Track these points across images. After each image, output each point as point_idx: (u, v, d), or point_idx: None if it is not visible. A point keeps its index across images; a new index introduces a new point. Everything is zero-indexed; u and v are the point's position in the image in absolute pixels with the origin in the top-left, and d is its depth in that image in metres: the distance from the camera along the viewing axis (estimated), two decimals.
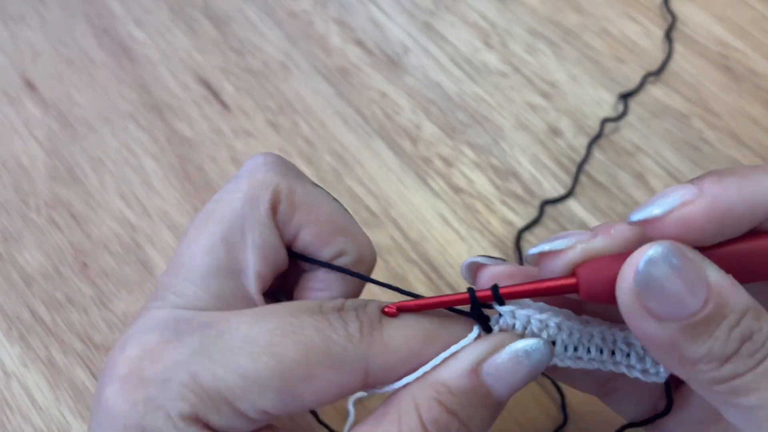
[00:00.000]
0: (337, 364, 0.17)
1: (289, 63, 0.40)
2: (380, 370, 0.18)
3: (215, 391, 0.17)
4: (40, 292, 0.34)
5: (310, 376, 0.17)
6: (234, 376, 0.17)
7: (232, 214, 0.20)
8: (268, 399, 0.17)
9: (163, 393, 0.17)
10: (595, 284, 0.18)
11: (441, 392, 0.18)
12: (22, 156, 0.37)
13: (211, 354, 0.17)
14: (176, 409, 0.16)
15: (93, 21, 0.42)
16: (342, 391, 0.18)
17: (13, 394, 0.31)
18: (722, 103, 0.38)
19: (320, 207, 0.21)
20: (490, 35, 0.41)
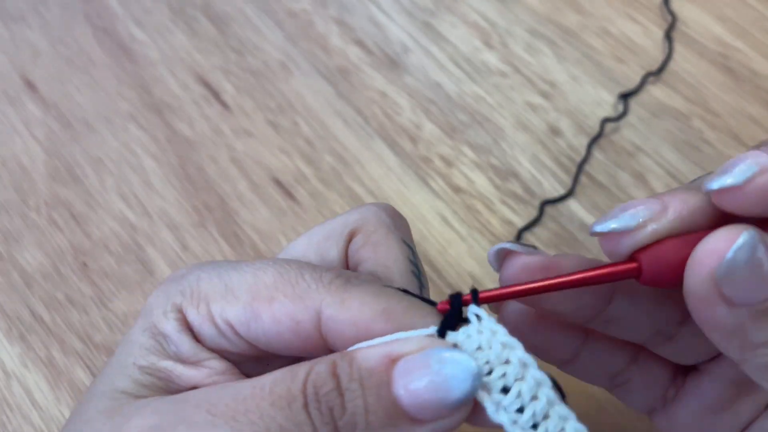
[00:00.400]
0: (297, 297, 0.19)
1: (289, 63, 0.40)
2: (331, 323, 0.18)
3: (203, 292, 0.20)
4: (40, 292, 0.34)
5: (272, 299, 0.19)
6: (221, 284, 0.20)
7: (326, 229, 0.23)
8: (234, 309, 0.19)
9: (174, 285, 0.20)
10: (662, 269, 0.17)
11: (342, 359, 0.17)
12: (22, 156, 0.37)
13: (218, 270, 0.20)
14: (172, 298, 0.20)
15: (93, 21, 0.42)
16: (296, 327, 0.19)
17: (13, 394, 0.31)
18: (722, 103, 0.38)
19: (388, 252, 0.22)
20: (490, 35, 0.41)
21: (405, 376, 0.16)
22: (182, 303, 0.20)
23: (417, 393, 0.16)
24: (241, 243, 0.35)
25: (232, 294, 0.19)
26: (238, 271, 0.20)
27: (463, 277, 0.34)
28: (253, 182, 0.36)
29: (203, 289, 0.20)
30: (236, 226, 0.35)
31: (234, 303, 0.19)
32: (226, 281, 0.20)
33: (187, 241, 0.35)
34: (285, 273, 0.19)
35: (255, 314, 0.19)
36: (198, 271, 0.20)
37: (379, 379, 0.17)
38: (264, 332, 0.19)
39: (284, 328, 0.19)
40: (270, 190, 0.36)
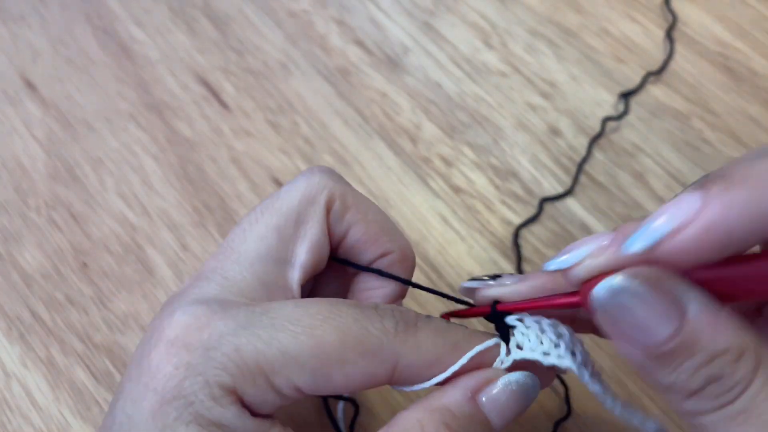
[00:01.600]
0: (370, 354, 0.18)
1: (289, 63, 0.40)
2: (407, 369, 0.19)
3: (255, 364, 0.17)
4: (40, 292, 0.34)
5: (344, 361, 0.18)
6: (274, 352, 0.18)
7: (288, 208, 0.21)
8: (302, 376, 0.18)
9: (206, 361, 0.17)
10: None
11: (445, 414, 0.19)
12: (22, 156, 0.37)
13: (255, 329, 0.18)
14: (216, 378, 0.17)
15: (93, 21, 0.42)
16: (369, 381, 0.19)
17: (13, 394, 0.31)
18: (722, 103, 0.38)
19: (368, 209, 0.22)
20: (490, 35, 0.41)
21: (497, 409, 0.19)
22: (233, 384, 0.17)
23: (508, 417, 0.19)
24: None
25: (295, 362, 0.18)
26: (287, 331, 0.18)
27: (463, 277, 0.34)
28: (252, 182, 0.36)
29: (253, 361, 0.17)
30: None
31: (301, 372, 0.18)
32: (278, 347, 0.18)
33: (187, 241, 0.35)
34: (347, 329, 0.18)
35: (327, 378, 0.18)
36: (230, 338, 0.18)
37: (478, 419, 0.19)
38: (334, 388, 0.19)
39: (358, 383, 0.19)
40: (270, 189, 0.36)
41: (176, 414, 0.17)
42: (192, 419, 0.17)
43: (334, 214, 0.22)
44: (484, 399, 0.19)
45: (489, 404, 0.19)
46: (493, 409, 0.19)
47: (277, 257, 0.21)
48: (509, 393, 0.19)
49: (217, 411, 0.17)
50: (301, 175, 0.22)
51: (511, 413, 0.19)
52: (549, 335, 0.20)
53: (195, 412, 0.17)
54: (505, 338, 0.21)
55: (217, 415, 0.17)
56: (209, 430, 0.17)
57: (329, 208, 0.22)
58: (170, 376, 0.17)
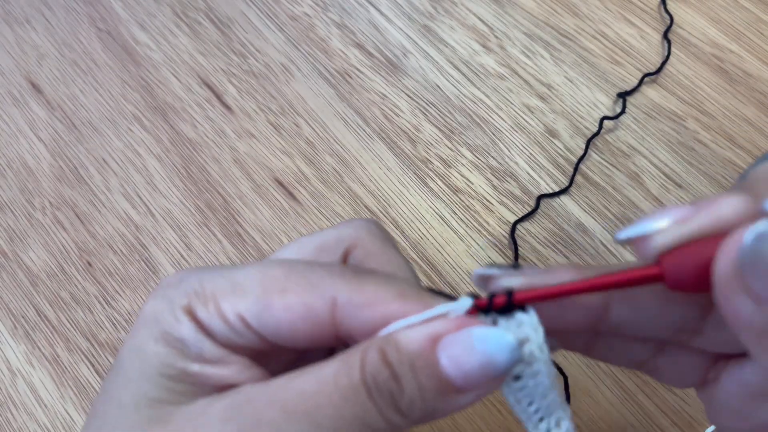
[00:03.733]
0: (309, 286, 0.19)
1: (290, 65, 0.40)
2: (346, 306, 0.19)
3: (209, 291, 0.20)
4: (46, 291, 0.34)
5: (285, 290, 0.19)
6: (227, 282, 0.20)
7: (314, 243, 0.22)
8: (245, 301, 0.19)
9: (176, 290, 0.20)
10: (687, 272, 0.16)
11: (389, 345, 0.18)
12: (27, 157, 0.38)
13: (223, 271, 0.20)
14: (179, 301, 0.20)
15: (97, 24, 0.42)
16: (309, 316, 0.19)
17: (19, 392, 0.32)
18: (717, 105, 0.38)
19: (389, 262, 0.22)
20: (488, 38, 0.41)
21: (451, 355, 0.18)
22: (190, 304, 0.20)
23: (464, 369, 0.18)
24: (243, 242, 0.35)
25: (241, 289, 0.19)
26: (244, 269, 0.20)
27: (462, 276, 0.34)
28: (255, 183, 0.37)
29: (209, 289, 0.20)
30: (239, 226, 0.36)
31: (244, 297, 0.19)
32: (233, 278, 0.20)
33: (191, 241, 0.35)
34: (294, 267, 0.20)
35: (267, 305, 0.19)
36: (198, 274, 0.20)
37: (427, 360, 0.18)
38: (276, 322, 0.19)
39: (297, 317, 0.19)
40: (272, 190, 0.37)
41: (147, 331, 0.20)
42: (159, 335, 0.19)
43: (353, 259, 0.22)
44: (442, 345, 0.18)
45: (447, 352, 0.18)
46: (450, 360, 0.18)
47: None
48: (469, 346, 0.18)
49: (177, 327, 0.19)
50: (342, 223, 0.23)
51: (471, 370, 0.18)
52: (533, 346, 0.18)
53: (162, 329, 0.19)
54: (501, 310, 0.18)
55: (177, 331, 0.19)
56: (174, 346, 0.19)
57: (348, 252, 0.22)
58: (151, 305, 0.20)
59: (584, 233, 0.35)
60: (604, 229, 0.35)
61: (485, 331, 0.18)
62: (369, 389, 0.18)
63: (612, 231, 0.35)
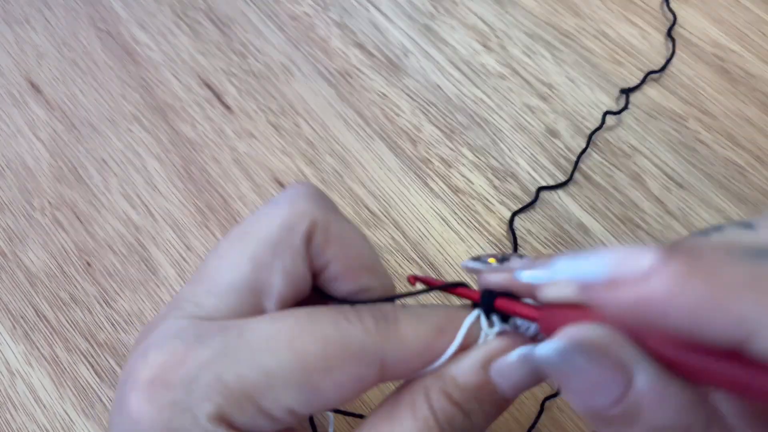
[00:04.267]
0: (354, 356, 0.18)
1: (290, 65, 0.40)
2: (395, 363, 0.18)
3: (240, 390, 0.17)
4: (45, 292, 0.34)
5: (329, 369, 0.17)
6: (257, 374, 0.17)
7: (266, 236, 0.20)
8: (290, 394, 0.17)
9: (189, 395, 0.17)
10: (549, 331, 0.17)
11: (449, 385, 0.19)
12: (26, 157, 0.38)
13: (234, 354, 0.17)
14: (203, 411, 0.17)
15: (97, 24, 0.42)
16: (360, 385, 0.18)
17: (18, 393, 0.31)
18: (718, 105, 0.38)
19: (351, 243, 0.21)
20: (489, 38, 0.41)
21: (506, 378, 0.19)
22: (221, 412, 0.17)
23: (520, 386, 0.19)
24: None
25: (280, 381, 0.17)
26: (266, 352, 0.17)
27: (462, 277, 0.34)
28: (255, 183, 0.37)
29: (237, 386, 0.17)
30: None
31: (288, 389, 0.17)
32: (260, 368, 0.17)
33: (190, 242, 0.35)
34: (327, 336, 0.17)
35: (315, 390, 0.17)
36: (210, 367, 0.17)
37: (489, 389, 0.19)
38: (326, 402, 0.18)
39: (350, 390, 0.18)
40: (272, 190, 0.36)
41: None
42: None
43: (315, 247, 0.20)
44: (495, 369, 0.19)
45: (500, 374, 0.19)
46: (505, 380, 0.18)
47: (251, 286, 0.19)
48: (523, 365, 0.18)
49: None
50: (284, 195, 0.21)
51: (525, 384, 0.19)
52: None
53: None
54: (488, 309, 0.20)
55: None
56: None
57: (309, 239, 0.20)
58: (155, 419, 0.16)
59: (585, 233, 0.35)
60: (605, 230, 0.35)
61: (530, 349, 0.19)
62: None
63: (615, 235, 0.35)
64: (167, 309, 0.20)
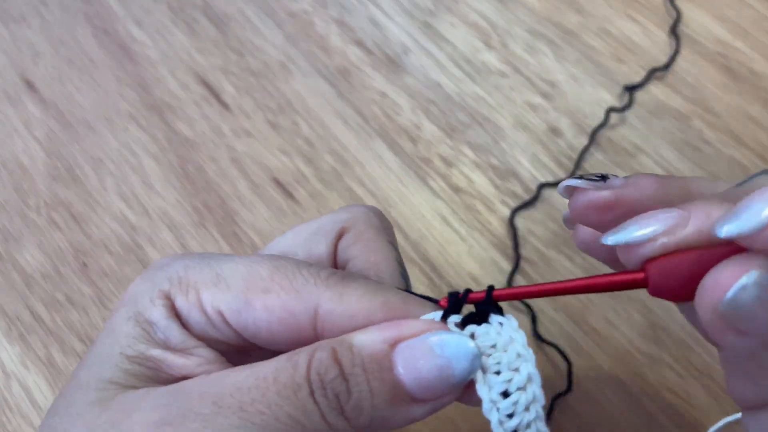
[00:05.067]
0: (292, 290, 0.19)
1: (289, 63, 0.40)
2: (328, 316, 0.18)
3: (193, 280, 0.20)
4: (40, 292, 0.34)
5: (267, 290, 0.19)
6: (212, 273, 0.19)
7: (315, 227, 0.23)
8: (226, 296, 0.19)
9: (159, 273, 0.20)
10: (668, 284, 0.17)
11: (341, 345, 0.17)
12: (22, 156, 0.37)
13: (209, 260, 0.20)
14: (159, 285, 0.20)
15: (93, 21, 0.42)
16: (289, 319, 0.19)
17: (13, 394, 0.31)
18: (722, 103, 0.38)
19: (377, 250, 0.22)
20: (490, 35, 0.41)
21: (407, 360, 0.17)
22: (170, 290, 0.19)
23: (420, 375, 0.17)
24: (241, 243, 0.35)
25: (225, 283, 0.19)
26: (231, 262, 0.20)
27: (463, 277, 0.33)
28: (253, 182, 0.36)
29: (192, 277, 0.19)
30: (236, 226, 0.35)
31: (226, 291, 0.19)
32: (218, 270, 0.19)
33: (187, 241, 0.35)
34: (281, 267, 0.19)
35: (247, 303, 0.19)
36: (185, 260, 0.20)
37: (381, 363, 0.17)
38: (255, 322, 0.19)
39: (276, 319, 0.19)
40: (270, 190, 0.36)
41: (124, 311, 0.19)
42: (132, 316, 0.19)
43: (344, 241, 0.22)
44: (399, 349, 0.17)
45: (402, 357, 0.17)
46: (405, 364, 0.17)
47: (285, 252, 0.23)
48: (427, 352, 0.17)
49: (150, 309, 0.19)
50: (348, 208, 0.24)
51: (427, 376, 0.17)
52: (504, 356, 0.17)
53: (136, 310, 0.19)
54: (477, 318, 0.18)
55: (149, 314, 0.19)
56: (143, 328, 0.19)
57: (341, 235, 0.22)
58: (134, 286, 0.20)
59: None
60: None
61: (445, 336, 0.17)
62: (312, 388, 0.17)
63: None
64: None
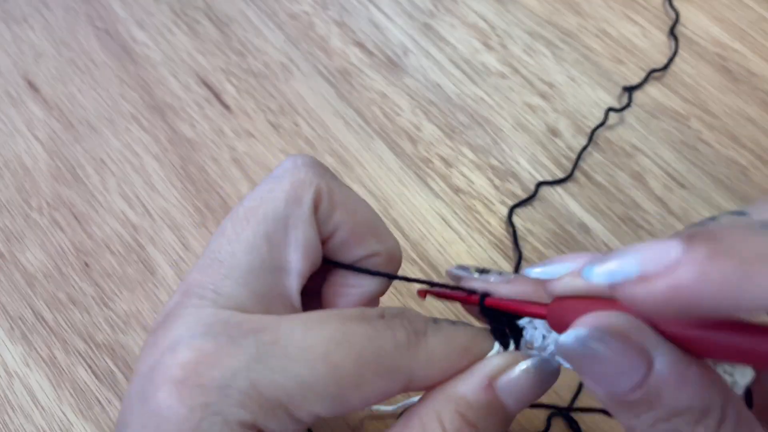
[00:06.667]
0: (386, 372, 0.18)
1: (290, 64, 0.40)
2: (421, 380, 0.19)
3: (275, 398, 0.17)
4: (42, 292, 0.34)
5: (361, 383, 0.18)
6: (292, 384, 0.17)
7: (275, 212, 0.20)
8: (322, 405, 0.18)
9: (222, 400, 0.17)
10: (560, 324, 0.18)
11: (461, 405, 0.19)
12: (24, 156, 0.38)
13: (269, 361, 0.17)
14: (235, 417, 0.17)
15: (95, 22, 0.42)
16: (386, 396, 0.19)
17: (16, 394, 0.31)
18: (720, 104, 0.38)
19: (356, 208, 0.22)
20: (489, 36, 0.41)
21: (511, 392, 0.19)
22: (254, 419, 0.17)
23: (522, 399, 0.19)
24: None
25: (313, 393, 0.17)
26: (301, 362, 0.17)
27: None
28: (254, 183, 0.36)
29: (272, 395, 0.17)
30: None
31: (320, 402, 0.17)
32: (296, 379, 0.17)
33: (189, 242, 0.35)
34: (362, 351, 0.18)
35: (345, 402, 0.18)
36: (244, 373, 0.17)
37: (497, 406, 0.19)
38: (351, 409, 0.19)
39: (374, 401, 0.19)
40: None
41: None
42: None
43: (321, 214, 0.21)
44: (500, 385, 0.19)
45: (506, 390, 0.19)
46: (510, 395, 0.19)
47: (270, 266, 0.20)
48: (526, 379, 0.19)
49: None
50: (283, 169, 0.21)
51: (530, 397, 0.19)
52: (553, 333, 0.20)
53: None
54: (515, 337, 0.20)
55: None
56: None
57: (316, 208, 0.20)
58: (185, 418, 0.16)
59: (587, 233, 0.35)
60: (606, 230, 0.35)
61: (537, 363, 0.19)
62: None
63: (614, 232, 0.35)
64: (181, 296, 0.20)
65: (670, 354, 0.15)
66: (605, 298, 0.17)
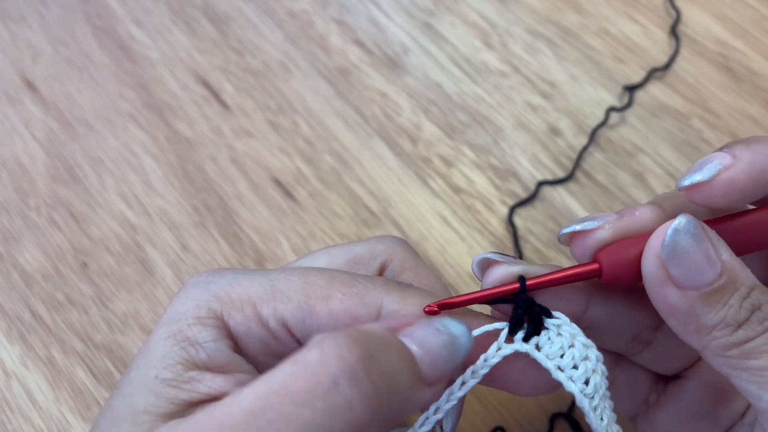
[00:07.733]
0: (354, 295, 0.19)
1: (289, 63, 0.40)
2: (389, 316, 0.19)
3: (246, 295, 0.19)
4: (40, 292, 0.34)
5: (329, 297, 0.19)
6: (266, 287, 0.19)
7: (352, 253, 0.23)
8: (288, 306, 0.19)
9: (203, 291, 0.20)
10: (618, 266, 0.19)
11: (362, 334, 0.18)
12: (22, 156, 0.37)
13: (254, 275, 0.20)
14: (206, 303, 0.19)
15: (93, 21, 0.42)
16: (354, 322, 0.19)
17: (14, 394, 0.31)
18: (722, 103, 0.38)
19: (424, 275, 0.23)
20: (490, 35, 0.41)
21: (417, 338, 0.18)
22: (221, 309, 0.19)
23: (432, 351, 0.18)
24: (240, 243, 0.35)
25: (283, 294, 0.19)
26: (281, 274, 0.20)
27: (463, 277, 0.34)
28: (253, 182, 0.36)
29: (245, 293, 0.19)
30: (236, 226, 0.35)
31: (287, 302, 0.19)
32: (272, 285, 0.19)
33: (187, 241, 0.35)
34: (337, 275, 0.20)
35: (311, 311, 0.19)
36: (227, 277, 0.20)
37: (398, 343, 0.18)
38: (318, 329, 0.19)
39: (341, 324, 0.19)
40: (270, 190, 0.36)
41: (162, 332, 0.19)
42: (172, 335, 0.19)
43: (390, 272, 0.23)
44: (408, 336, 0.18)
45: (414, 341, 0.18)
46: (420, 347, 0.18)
47: None
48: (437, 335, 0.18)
49: (196, 329, 0.19)
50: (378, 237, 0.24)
51: (441, 360, 0.18)
52: (575, 352, 0.19)
53: (177, 329, 0.19)
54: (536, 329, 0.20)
55: (193, 333, 0.19)
56: (182, 347, 0.18)
57: (384, 266, 0.23)
58: (174, 305, 0.19)
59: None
60: None
61: (445, 319, 0.19)
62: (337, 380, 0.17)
63: None
64: None
65: (725, 245, 0.19)
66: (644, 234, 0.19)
